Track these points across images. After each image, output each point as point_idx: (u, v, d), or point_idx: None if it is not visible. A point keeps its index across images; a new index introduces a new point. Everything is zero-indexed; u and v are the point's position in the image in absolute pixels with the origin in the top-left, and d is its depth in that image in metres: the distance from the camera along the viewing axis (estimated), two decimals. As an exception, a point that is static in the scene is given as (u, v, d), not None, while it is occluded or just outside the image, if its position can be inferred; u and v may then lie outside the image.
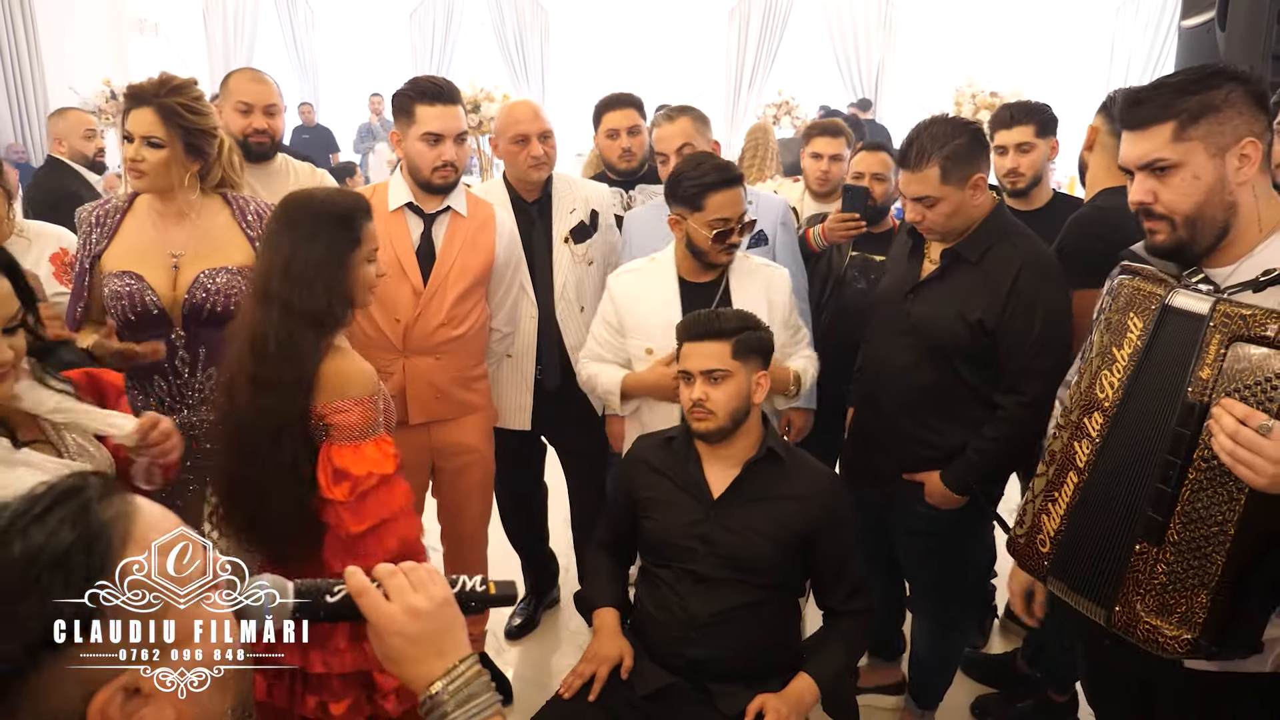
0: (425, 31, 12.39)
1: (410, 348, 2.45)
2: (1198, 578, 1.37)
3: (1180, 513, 1.39)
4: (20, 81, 9.86)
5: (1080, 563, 1.55)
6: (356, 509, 1.75)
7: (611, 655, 2.01)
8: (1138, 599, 1.44)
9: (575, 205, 2.80)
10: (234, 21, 12.26)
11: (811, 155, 3.27)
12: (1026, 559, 1.66)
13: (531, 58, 12.24)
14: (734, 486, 2.03)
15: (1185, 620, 1.39)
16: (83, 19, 10.62)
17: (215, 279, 2.20)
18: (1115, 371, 1.50)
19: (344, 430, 1.75)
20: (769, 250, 2.76)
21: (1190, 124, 1.41)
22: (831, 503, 2.04)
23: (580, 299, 2.80)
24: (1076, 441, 1.55)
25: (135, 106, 2.14)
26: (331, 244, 1.76)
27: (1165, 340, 1.44)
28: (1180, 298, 1.43)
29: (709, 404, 1.98)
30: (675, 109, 2.76)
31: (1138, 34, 10.79)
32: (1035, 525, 1.63)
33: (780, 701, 1.91)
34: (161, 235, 2.21)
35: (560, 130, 2.93)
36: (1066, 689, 2.70)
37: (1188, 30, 2.92)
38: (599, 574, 2.20)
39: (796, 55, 11.95)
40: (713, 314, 2.06)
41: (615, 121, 3.23)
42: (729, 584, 1.99)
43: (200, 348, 2.24)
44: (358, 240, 1.80)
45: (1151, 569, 1.42)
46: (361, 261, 1.82)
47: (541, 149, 2.68)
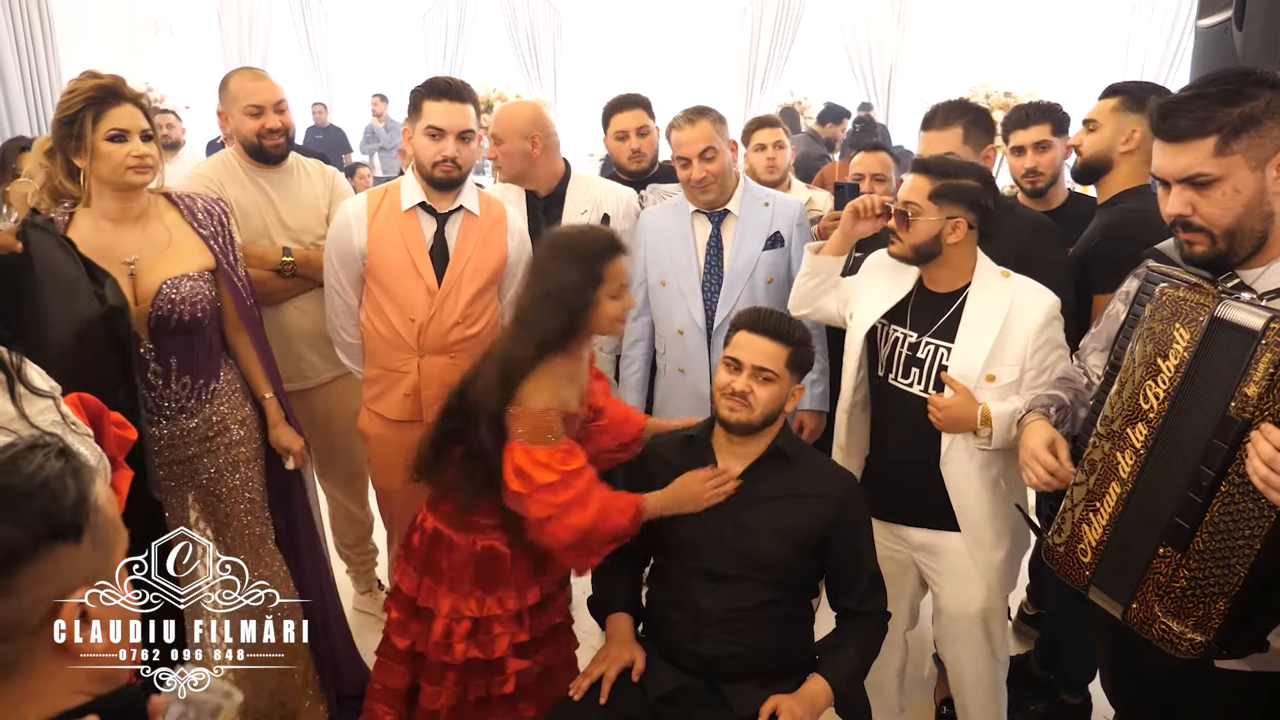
0: (438, 32, 12.41)
1: (425, 347, 2.47)
2: (1218, 586, 1.37)
3: (1208, 523, 1.38)
4: (38, 83, 9.92)
5: (1122, 570, 1.54)
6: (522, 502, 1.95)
7: (622, 657, 2.01)
8: (1156, 600, 1.44)
9: (587, 206, 2.79)
10: (248, 22, 12.31)
11: (756, 147, 3.41)
12: (1066, 568, 1.64)
13: (544, 58, 12.24)
14: (746, 483, 2.03)
15: (1200, 625, 1.39)
16: (99, 20, 10.68)
17: (179, 288, 2.16)
18: (1160, 382, 1.47)
19: (521, 433, 1.95)
20: (785, 252, 2.75)
21: (1233, 138, 1.40)
22: (846, 502, 2.04)
23: None
24: (1119, 451, 1.53)
25: (119, 103, 2.06)
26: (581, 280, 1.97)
27: (1214, 352, 1.41)
28: (1232, 310, 1.40)
29: (752, 398, 1.98)
30: (694, 111, 2.72)
31: (1153, 33, 10.71)
32: (1075, 534, 1.61)
33: (794, 702, 1.90)
34: (111, 242, 2.12)
35: (573, 131, 2.95)
36: (1079, 692, 2.68)
37: (1204, 30, 2.89)
38: (611, 578, 2.20)
39: (809, 55, 11.91)
40: (783, 316, 2.06)
41: (624, 123, 3.24)
42: (741, 581, 1.98)
43: (171, 358, 2.21)
44: (601, 279, 1.98)
45: (1173, 573, 1.42)
46: (605, 299, 2.00)
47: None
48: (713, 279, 2.73)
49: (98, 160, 2.05)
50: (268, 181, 2.76)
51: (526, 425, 1.93)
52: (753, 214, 2.73)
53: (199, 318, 2.19)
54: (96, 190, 2.10)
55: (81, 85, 2.06)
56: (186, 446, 2.29)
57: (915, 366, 2.17)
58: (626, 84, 4.25)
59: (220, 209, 2.32)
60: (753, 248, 2.70)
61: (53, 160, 2.12)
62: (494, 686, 2.07)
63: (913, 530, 2.25)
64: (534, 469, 1.92)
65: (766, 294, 2.70)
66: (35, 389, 1.50)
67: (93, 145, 2.04)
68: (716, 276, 2.73)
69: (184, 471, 2.31)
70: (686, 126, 2.69)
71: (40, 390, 1.51)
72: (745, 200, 2.74)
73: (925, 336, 2.15)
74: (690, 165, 2.67)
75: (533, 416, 1.94)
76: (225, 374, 2.35)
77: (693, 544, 2.03)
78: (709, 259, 2.74)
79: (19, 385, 1.48)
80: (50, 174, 2.12)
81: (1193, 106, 1.43)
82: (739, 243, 2.71)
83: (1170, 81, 10.65)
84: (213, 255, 2.24)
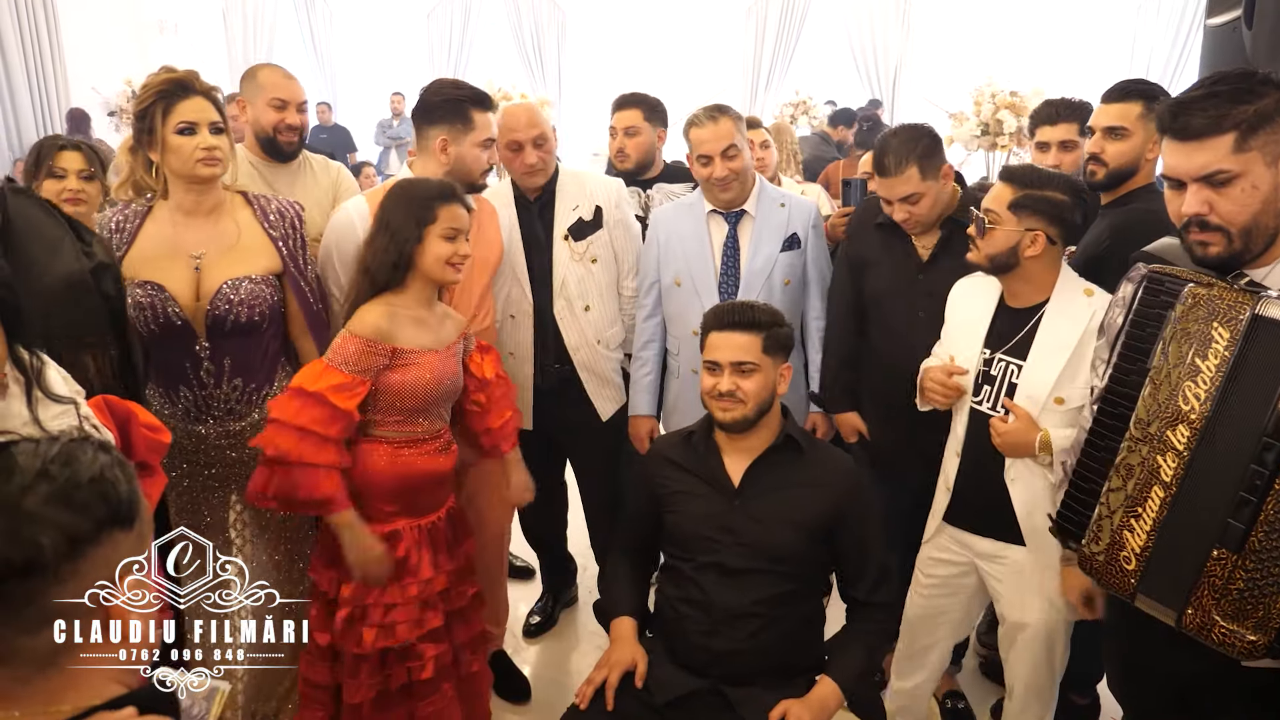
0: (442, 31, 12.43)
1: None
2: (1277, 585, 1.36)
3: (1263, 521, 1.37)
4: (44, 82, 9.96)
5: (1172, 575, 1.51)
6: (280, 400, 2.03)
7: (625, 660, 2.00)
8: (1213, 604, 1.42)
9: (579, 202, 2.75)
10: (253, 22, 12.34)
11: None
12: (1108, 577, 1.59)
13: (548, 57, 12.24)
14: (754, 475, 2.03)
15: (1261, 625, 1.38)
16: (104, 20, 10.71)
17: (239, 290, 2.16)
18: (1201, 383, 1.45)
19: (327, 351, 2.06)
20: (802, 254, 2.72)
21: (1250, 134, 1.40)
22: (853, 490, 2.04)
23: (584, 296, 2.76)
24: (1160, 455, 1.50)
25: (189, 96, 2.08)
26: (405, 217, 2.06)
27: (1258, 350, 1.40)
28: (1274, 308, 1.39)
29: (739, 393, 1.97)
30: (715, 109, 2.66)
31: (1159, 33, 10.69)
32: (1116, 541, 1.57)
33: (803, 708, 1.90)
34: (181, 235, 2.15)
35: (576, 130, 2.93)
36: (1088, 692, 2.67)
37: (1213, 29, 2.87)
38: (618, 582, 2.20)
39: (814, 54, 11.90)
40: (745, 305, 2.06)
41: (614, 121, 3.28)
42: (754, 575, 1.98)
43: (225, 359, 2.20)
44: (432, 217, 2.06)
45: (1230, 575, 1.40)
46: (434, 236, 2.06)
47: (536, 155, 2.65)
48: (729, 280, 2.71)
49: (168, 153, 2.09)
50: (276, 178, 2.77)
51: (337, 344, 2.04)
52: (770, 215, 2.70)
53: (256, 321, 2.18)
54: (171, 183, 2.14)
55: (154, 80, 2.10)
56: (231, 449, 2.26)
57: (987, 384, 2.12)
58: (630, 83, 4.24)
59: (294, 211, 2.30)
60: (770, 248, 2.68)
61: (135, 155, 2.15)
62: (414, 673, 2.10)
63: (978, 538, 2.21)
64: (303, 374, 2.04)
65: (784, 295, 2.67)
66: (54, 395, 1.51)
67: (163, 138, 2.08)
68: (733, 277, 2.70)
69: (227, 472, 2.29)
70: (709, 124, 2.63)
71: (59, 396, 1.52)
72: (762, 201, 2.72)
73: (998, 353, 2.11)
74: (712, 163, 2.63)
75: (341, 337, 2.03)
76: (280, 380, 2.31)
77: (704, 539, 2.02)
78: (725, 260, 2.71)
79: (36, 390, 1.49)
80: (133, 168, 2.16)
81: (1206, 105, 1.42)
82: (756, 244, 2.68)
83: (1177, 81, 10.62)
84: (280, 258, 2.24)
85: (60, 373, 1.55)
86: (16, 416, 1.45)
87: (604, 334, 2.81)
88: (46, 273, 1.82)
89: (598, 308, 2.77)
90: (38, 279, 1.79)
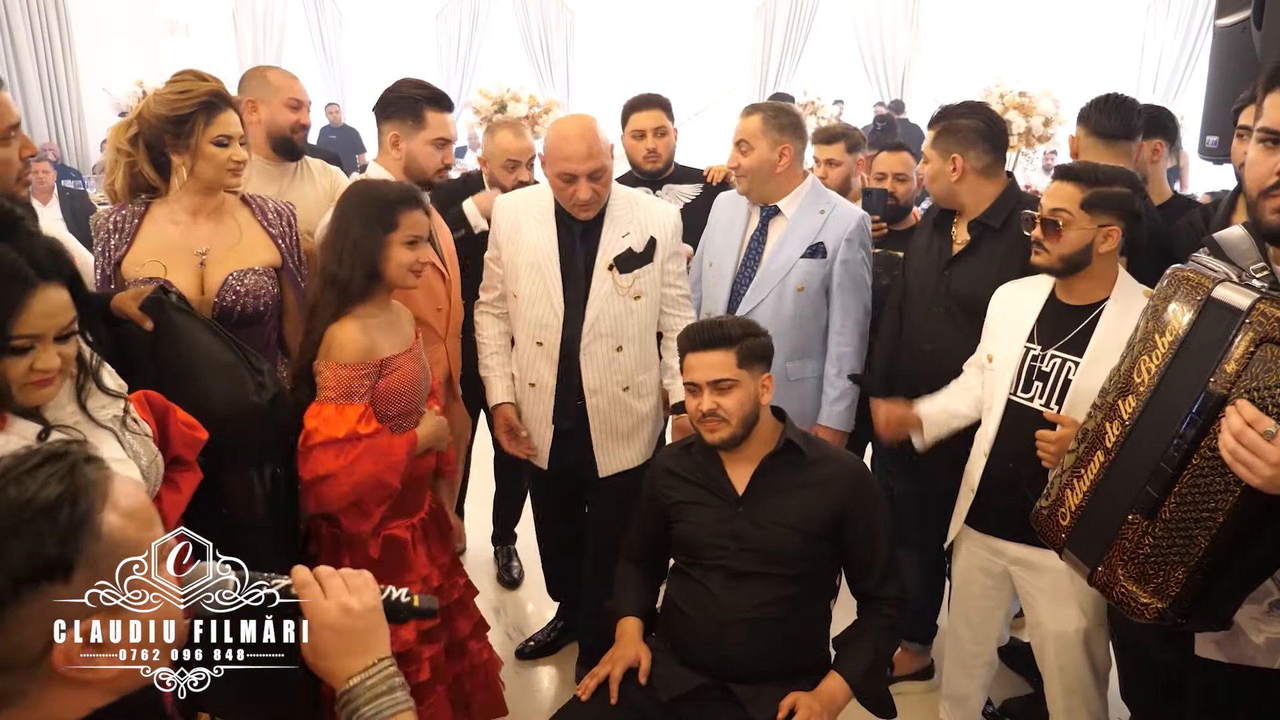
0: (451, 32, 12.47)
1: (453, 332, 2.65)
2: (1179, 555, 1.41)
3: (1177, 493, 1.41)
4: (55, 83, 10.02)
5: (1094, 534, 1.58)
6: (304, 457, 1.96)
7: (627, 656, 2.01)
8: (1120, 564, 1.49)
9: (630, 229, 2.46)
10: (263, 23, 12.40)
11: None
12: (1046, 529, 1.69)
13: (557, 58, 12.27)
14: (758, 482, 2.03)
15: (1159, 591, 1.44)
16: (115, 20, 10.76)
17: (244, 280, 2.19)
18: (1154, 358, 1.49)
19: (321, 388, 1.99)
20: (825, 264, 2.63)
21: None
22: (858, 485, 2.05)
23: (618, 335, 2.46)
24: (1109, 422, 1.57)
25: (225, 109, 2.12)
26: (367, 225, 2.01)
27: (1202, 331, 1.43)
28: (1224, 290, 1.40)
29: (722, 411, 1.97)
30: (752, 106, 2.73)
31: (1169, 33, 10.66)
32: (1059, 499, 1.66)
33: (812, 699, 1.91)
34: (186, 234, 2.18)
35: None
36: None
37: (1222, 29, 2.86)
38: (625, 586, 2.21)
39: (822, 55, 11.90)
40: (715, 323, 2.05)
41: (642, 123, 3.24)
42: (761, 577, 1.99)
43: None
44: (394, 225, 2.01)
45: (1139, 540, 1.46)
46: (397, 244, 2.01)
47: (590, 190, 2.36)
48: (746, 272, 2.69)
49: (202, 161, 2.11)
50: (278, 178, 2.80)
51: (324, 379, 1.98)
52: (804, 219, 2.66)
53: (260, 311, 2.23)
54: (188, 186, 2.16)
55: (196, 88, 2.11)
56: None
57: (1039, 380, 2.09)
58: (639, 84, 4.25)
59: (289, 211, 2.35)
60: (792, 251, 2.64)
61: (136, 149, 2.14)
62: (410, 677, 2.07)
63: (1008, 544, 2.19)
64: (312, 422, 1.96)
65: (795, 300, 2.63)
66: (105, 388, 1.56)
67: (199, 146, 2.10)
68: (750, 271, 2.69)
69: None
70: (741, 118, 2.69)
71: (110, 390, 1.57)
72: (802, 204, 2.67)
73: (1052, 349, 2.08)
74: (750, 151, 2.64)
75: (336, 370, 1.97)
76: (280, 370, 2.33)
77: (711, 546, 2.03)
78: (749, 252, 2.70)
79: (90, 383, 1.54)
80: (132, 163, 2.14)
81: None
82: (780, 244, 2.66)
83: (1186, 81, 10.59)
84: (280, 254, 2.29)
85: (108, 369, 1.59)
86: (66, 407, 1.50)
87: (635, 379, 2.52)
88: (225, 404, 1.90)
89: (632, 349, 2.50)
90: (214, 410, 1.85)
